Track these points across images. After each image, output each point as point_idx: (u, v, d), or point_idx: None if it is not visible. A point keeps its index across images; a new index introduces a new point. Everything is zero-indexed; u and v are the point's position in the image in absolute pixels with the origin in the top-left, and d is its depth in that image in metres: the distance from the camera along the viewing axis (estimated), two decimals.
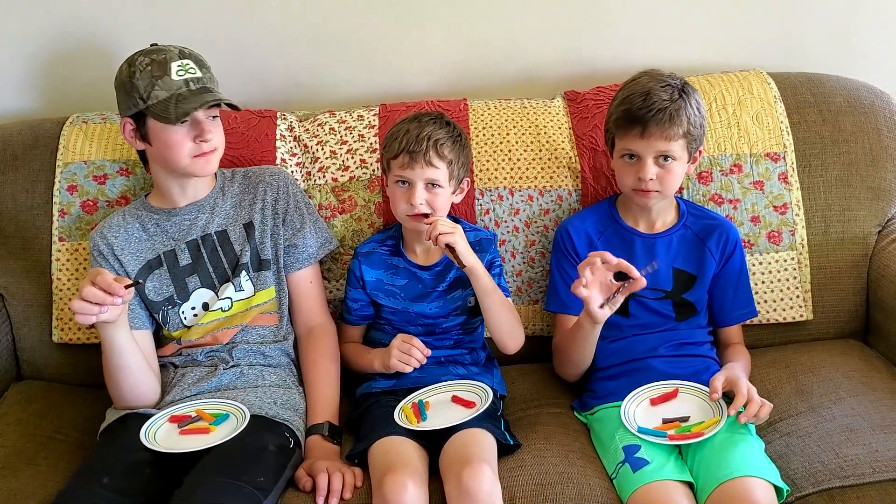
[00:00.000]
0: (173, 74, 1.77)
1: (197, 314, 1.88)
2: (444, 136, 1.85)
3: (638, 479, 1.62)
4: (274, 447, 1.70)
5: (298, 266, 1.93)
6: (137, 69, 1.77)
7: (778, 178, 2.07)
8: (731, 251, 1.92)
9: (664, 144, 1.79)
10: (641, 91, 1.81)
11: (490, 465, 1.61)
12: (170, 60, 1.78)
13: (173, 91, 1.77)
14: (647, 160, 1.81)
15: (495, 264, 1.94)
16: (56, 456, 1.80)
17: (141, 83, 1.76)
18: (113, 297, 1.59)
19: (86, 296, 1.59)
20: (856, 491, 1.59)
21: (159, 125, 1.78)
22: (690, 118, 1.81)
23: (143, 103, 1.77)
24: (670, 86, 1.82)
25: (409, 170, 1.83)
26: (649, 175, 1.81)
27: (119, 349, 1.72)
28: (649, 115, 1.78)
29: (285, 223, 1.93)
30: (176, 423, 1.73)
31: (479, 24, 2.29)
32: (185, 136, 1.79)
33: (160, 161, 1.85)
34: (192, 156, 1.81)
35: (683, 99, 1.81)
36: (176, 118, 1.75)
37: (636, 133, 1.80)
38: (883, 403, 1.79)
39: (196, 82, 1.79)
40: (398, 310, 1.95)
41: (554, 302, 1.97)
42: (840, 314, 2.09)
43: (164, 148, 1.80)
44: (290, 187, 1.96)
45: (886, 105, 2.14)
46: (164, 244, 1.89)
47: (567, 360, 1.91)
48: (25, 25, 2.24)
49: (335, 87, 2.32)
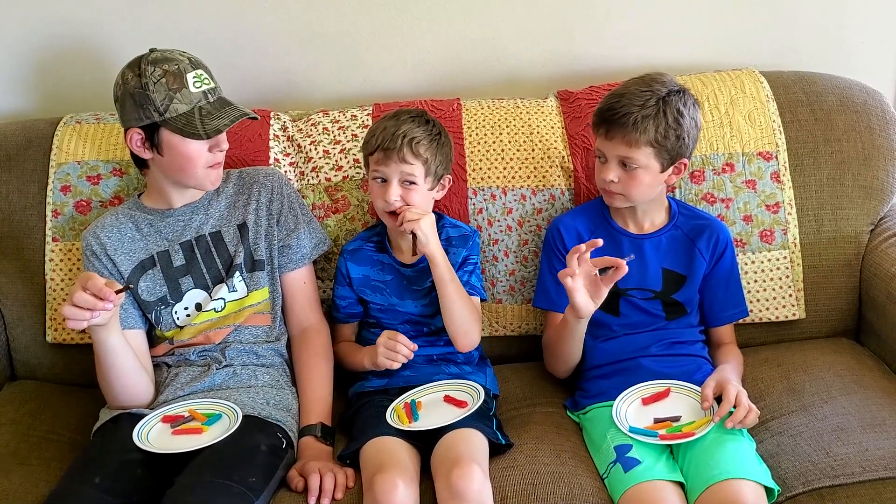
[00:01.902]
0: (191, 87, 1.77)
1: (190, 314, 1.89)
2: (421, 134, 1.86)
3: (629, 479, 1.62)
4: (266, 447, 1.70)
5: (292, 266, 1.94)
6: (150, 80, 1.75)
7: (770, 177, 2.08)
8: (721, 251, 1.92)
9: (625, 150, 1.79)
10: (620, 92, 1.82)
11: (480, 465, 1.61)
12: (185, 72, 1.77)
13: (194, 104, 1.77)
14: (610, 162, 1.82)
15: (469, 261, 1.94)
16: (49, 456, 1.80)
17: (157, 96, 1.75)
18: (104, 303, 1.59)
19: (77, 301, 1.59)
20: (845, 490, 1.60)
21: (177, 138, 1.77)
22: (659, 128, 1.77)
23: (160, 116, 1.76)
24: (652, 92, 1.79)
25: (384, 166, 1.85)
26: (609, 177, 1.82)
27: (111, 350, 1.73)
28: (614, 118, 1.79)
29: (279, 224, 1.94)
30: (168, 424, 1.73)
31: (472, 24, 2.29)
32: (202, 147, 1.79)
33: (170, 171, 1.84)
34: (207, 166, 1.81)
35: (659, 107, 1.78)
36: (206, 134, 1.76)
37: (602, 133, 1.82)
38: (874, 402, 1.79)
39: (212, 93, 1.81)
40: (385, 307, 1.95)
41: (543, 299, 1.97)
42: (832, 313, 2.09)
43: (180, 159, 1.80)
44: (285, 188, 1.97)
45: (878, 104, 2.14)
46: (157, 244, 1.89)
47: (555, 357, 1.92)
48: (19, 26, 2.24)
49: (329, 87, 2.32)
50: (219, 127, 1.77)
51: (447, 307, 1.85)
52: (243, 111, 1.81)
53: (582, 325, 1.79)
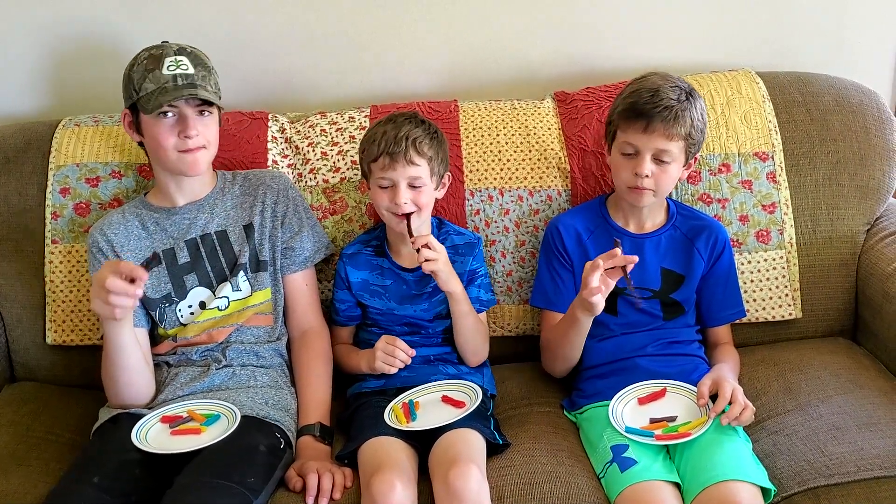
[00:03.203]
0: (164, 69, 1.81)
1: (193, 312, 1.90)
2: (422, 133, 1.87)
3: (626, 479, 1.63)
4: (264, 448, 1.71)
5: (294, 269, 1.95)
6: (137, 62, 1.84)
7: (766, 178, 2.08)
8: (719, 251, 1.93)
9: (664, 142, 1.80)
10: (651, 87, 1.83)
11: (478, 465, 1.62)
12: (165, 56, 1.83)
13: (160, 84, 1.80)
14: (645, 156, 1.82)
15: (479, 274, 1.96)
16: (48, 457, 1.81)
17: (136, 75, 1.82)
18: (138, 283, 1.61)
19: (111, 287, 1.60)
20: (841, 489, 1.60)
21: (148, 118, 1.82)
22: (694, 121, 1.82)
23: (136, 95, 1.82)
24: (679, 87, 1.84)
25: (391, 171, 1.85)
26: (646, 171, 1.81)
27: (122, 347, 1.74)
28: (655, 111, 1.79)
29: (283, 225, 1.95)
30: (167, 424, 1.74)
31: (469, 26, 2.30)
32: (170, 130, 1.82)
33: (152, 154, 1.89)
34: (178, 150, 1.83)
35: (690, 102, 1.83)
36: (151, 109, 1.79)
37: (639, 127, 1.81)
38: (870, 401, 1.80)
39: (185, 78, 1.82)
40: (384, 311, 1.96)
41: (540, 298, 1.98)
42: (828, 312, 2.10)
43: (151, 141, 1.85)
44: (290, 191, 1.98)
45: (874, 103, 2.14)
46: (163, 242, 1.91)
47: (556, 356, 1.92)
48: (18, 28, 2.24)
49: (326, 89, 2.33)
50: (161, 101, 1.78)
51: (462, 333, 1.89)
52: (197, 93, 1.81)
53: (590, 321, 1.79)
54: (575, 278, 1.93)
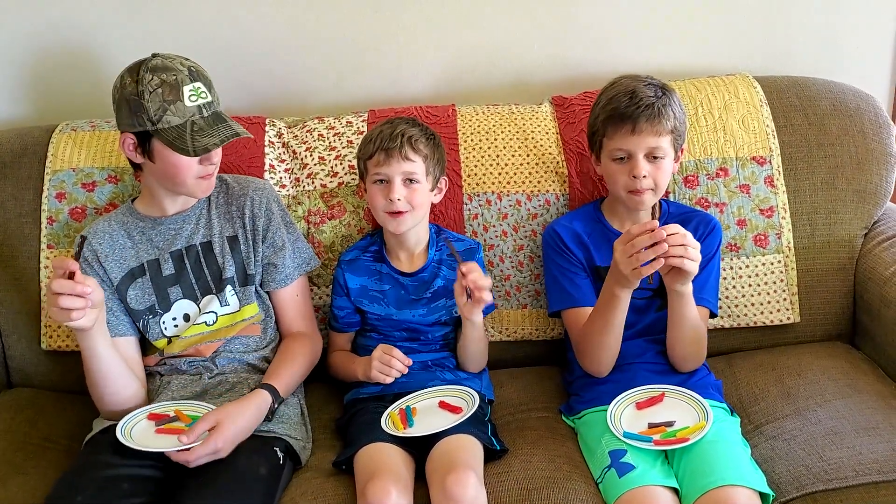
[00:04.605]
0: (186, 100, 1.74)
1: (178, 325, 1.88)
2: (418, 132, 1.89)
3: (624, 484, 1.63)
4: (265, 471, 1.68)
5: (275, 286, 1.93)
6: (147, 89, 1.73)
7: (764, 182, 2.08)
8: (707, 232, 1.91)
9: (654, 140, 1.81)
10: (626, 90, 1.84)
11: (475, 472, 1.62)
12: (181, 84, 1.74)
13: (186, 118, 1.74)
14: (638, 157, 1.82)
15: None
16: (45, 464, 1.80)
17: (151, 105, 1.73)
18: (82, 285, 1.59)
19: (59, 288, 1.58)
20: (839, 494, 1.60)
21: (168, 149, 1.75)
22: (676, 114, 1.84)
23: (153, 125, 1.74)
24: (652, 84, 1.86)
25: (386, 166, 1.85)
26: (643, 172, 1.81)
27: (98, 357, 1.73)
28: (639, 112, 1.80)
29: (265, 241, 1.92)
30: (154, 421, 1.73)
31: (467, 31, 2.30)
32: (192, 160, 1.77)
33: (160, 178, 1.83)
34: (198, 177, 1.81)
35: (668, 96, 1.85)
36: (194, 152, 1.74)
37: (626, 130, 1.82)
38: (868, 406, 1.80)
39: (207, 108, 1.77)
40: (382, 316, 1.96)
41: (560, 300, 1.93)
42: (827, 317, 2.09)
43: (170, 169, 1.78)
44: (273, 205, 1.94)
45: (871, 108, 2.14)
46: (148, 253, 1.88)
47: (601, 346, 1.83)
48: (13, 33, 2.24)
49: (324, 94, 2.33)
50: (207, 146, 1.74)
51: (469, 349, 1.91)
52: (235, 130, 1.78)
53: (629, 295, 1.74)
54: (587, 272, 1.92)
